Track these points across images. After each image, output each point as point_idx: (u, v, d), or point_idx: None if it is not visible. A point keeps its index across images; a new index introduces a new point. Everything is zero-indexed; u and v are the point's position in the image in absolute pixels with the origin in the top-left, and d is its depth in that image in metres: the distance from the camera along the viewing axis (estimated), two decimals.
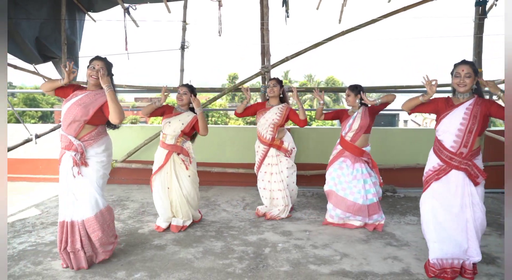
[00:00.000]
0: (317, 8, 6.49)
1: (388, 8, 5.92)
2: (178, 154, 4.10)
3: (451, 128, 3.07)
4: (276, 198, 4.61)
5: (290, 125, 6.00)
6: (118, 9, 6.20)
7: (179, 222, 4.20)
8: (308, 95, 35.31)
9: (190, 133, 4.21)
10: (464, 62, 3.09)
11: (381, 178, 4.35)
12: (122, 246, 3.80)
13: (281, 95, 4.60)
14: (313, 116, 25.64)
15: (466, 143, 3.02)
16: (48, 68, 6.10)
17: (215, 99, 6.10)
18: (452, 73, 3.15)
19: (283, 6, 6.12)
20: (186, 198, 4.16)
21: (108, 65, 3.33)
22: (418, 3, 5.68)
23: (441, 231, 3.09)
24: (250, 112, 4.67)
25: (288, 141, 4.59)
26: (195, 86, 4.33)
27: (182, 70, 6.11)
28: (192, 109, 4.24)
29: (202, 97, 16.00)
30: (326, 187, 4.38)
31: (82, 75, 7.68)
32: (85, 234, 3.24)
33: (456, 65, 3.12)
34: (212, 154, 6.33)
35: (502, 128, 6.50)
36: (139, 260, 3.48)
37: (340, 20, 6.45)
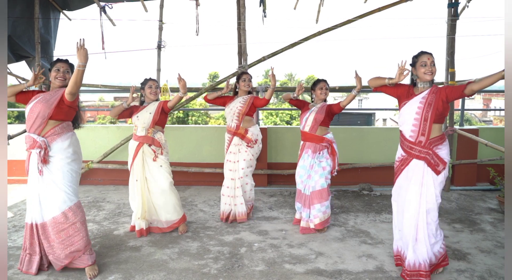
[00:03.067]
0: (295, 8, 6.53)
1: (365, 8, 6.00)
2: (150, 145, 4.04)
3: (408, 118, 3.13)
4: (235, 187, 4.55)
5: (271, 124, 5.99)
6: (94, 8, 6.10)
7: (160, 223, 4.14)
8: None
9: (162, 121, 4.13)
10: (426, 52, 3.13)
11: (337, 167, 4.23)
12: (96, 248, 3.75)
13: (250, 90, 4.60)
14: (294, 116, 25.80)
15: (423, 131, 3.07)
16: (21, 68, 6.00)
17: (192, 98, 6.07)
18: (413, 65, 3.18)
19: (260, 5, 6.14)
20: (163, 188, 4.05)
21: (71, 67, 3.31)
22: (393, 4, 5.78)
23: (397, 232, 3.32)
24: (219, 101, 4.62)
25: (253, 132, 4.51)
26: (173, 85, 4.27)
27: (158, 70, 6.05)
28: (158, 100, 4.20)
29: None
30: (297, 187, 4.39)
31: None
32: (47, 237, 3.16)
33: (418, 56, 3.14)
34: (189, 154, 6.30)
35: (475, 127, 6.67)
36: (113, 262, 3.45)
37: (317, 20, 6.49)
